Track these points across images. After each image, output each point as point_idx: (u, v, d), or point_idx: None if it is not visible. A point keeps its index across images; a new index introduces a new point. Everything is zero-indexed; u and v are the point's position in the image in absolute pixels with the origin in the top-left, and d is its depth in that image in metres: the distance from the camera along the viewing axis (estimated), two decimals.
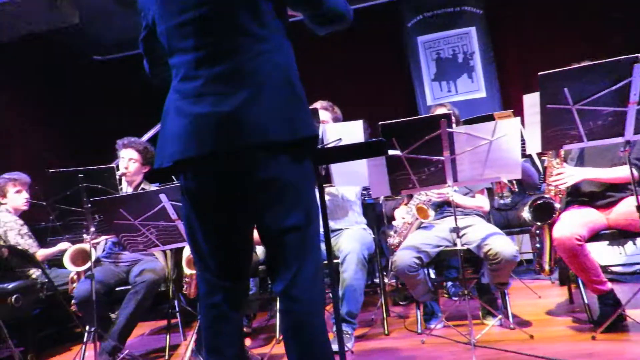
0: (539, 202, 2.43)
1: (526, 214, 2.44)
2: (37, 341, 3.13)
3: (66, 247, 3.07)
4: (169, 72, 1.42)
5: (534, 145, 2.14)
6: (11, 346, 2.59)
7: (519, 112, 2.66)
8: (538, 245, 2.49)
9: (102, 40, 5.47)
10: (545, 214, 2.41)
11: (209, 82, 1.30)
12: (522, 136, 2.42)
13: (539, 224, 2.43)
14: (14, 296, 2.90)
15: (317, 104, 2.72)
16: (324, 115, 2.70)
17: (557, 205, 2.41)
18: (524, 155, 2.78)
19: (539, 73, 1.95)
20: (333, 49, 5.37)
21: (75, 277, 2.90)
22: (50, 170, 2.58)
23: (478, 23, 5.13)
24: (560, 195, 2.45)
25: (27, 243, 3.22)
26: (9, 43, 4.30)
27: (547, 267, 2.49)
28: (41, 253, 3.27)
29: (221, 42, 1.31)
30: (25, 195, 3.38)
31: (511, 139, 2.17)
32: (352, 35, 5.25)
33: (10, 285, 2.95)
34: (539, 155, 3.05)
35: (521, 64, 5.20)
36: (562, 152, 2.43)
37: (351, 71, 5.51)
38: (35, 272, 3.22)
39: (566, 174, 2.37)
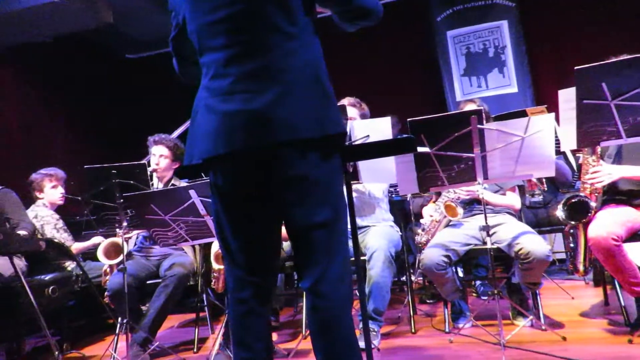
0: (573, 200, 2.35)
1: (560, 212, 2.37)
2: (71, 331, 3.25)
3: (99, 242, 3.17)
4: (198, 71, 1.43)
5: (569, 142, 2.08)
6: (48, 335, 2.69)
7: (552, 108, 2.59)
8: (572, 245, 2.42)
9: (134, 38, 5.59)
10: (580, 212, 2.33)
11: (239, 80, 1.30)
12: (555, 133, 2.36)
13: (573, 223, 2.35)
14: (51, 287, 3.01)
15: (345, 101, 2.71)
16: (351, 111, 2.68)
17: (593, 204, 2.33)
18: (557, 152, 2.70)
19: (575, 67, 1.89)
20: (361, 45, 5.34)
21: (108, 269, 2.98)
22: (85, 167, 2.66)
23: (511, 16, 4.99)
24: (596, 194, 2.37)
25: (62, 237, 3.33)
26: (44, 42, 4.45)
27: (581, 267, 2.41)
28: (75, 247, 3.38)
29: (252, 40, 1.31)
30: (61, 190, 3.49)
31: (545, 135, 2.11)
32: (380, 31, 5.21)
33: (47, 277, 3.06)
34: (573, 152, 2.96)
35: (555, 58, 5.05)
36: (598, 149, 2.34)
37: (379, 67, 5.47)
38: (70, 265, 3.33)
39: (603, 172, 2.28)
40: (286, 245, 2.86)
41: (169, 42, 1.53)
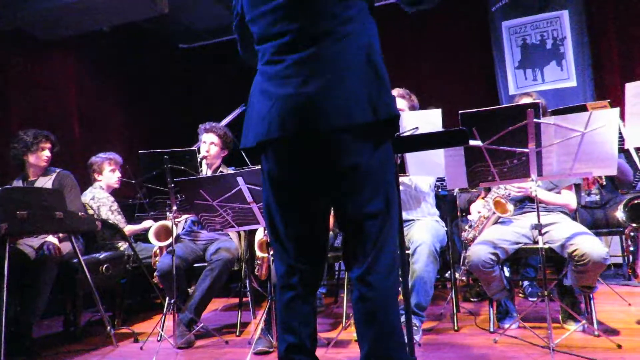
0: (636, 201, 2.22)
1: (620, 213, 2.25)
2: (123, 308, 3.41)
3: (149, 225, 3.29)
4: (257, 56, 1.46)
5: (635, 139, 1.95)
6: (101, 310, 2.84)
7: (616, 103, 2.44)
8: (632, 249, 2.28)
9: (188, 28, 5.73)
10: None
11: (294, 65, 1.32)
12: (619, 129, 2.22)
13: (634, 225, 2.22)
14: (105, 265, 3.17)
15: (394, 92, 2.66)
16: (400, 103, 2.64)
17: None
18: (620, 149, 2.55)
19: None
20: (412, 35, 5.24)
21: (158, 251, 3.10)
22: (140, 152, 2.76)
23: (572, 6, 4.72)
24: None
25: (116, 219, 3.50)
26: (100, 32, 4.64)
27: None
28: (128, 229, 3.53)
29: (306, 27, 1.32)
30: (118, 174, 3.66)
31: (608, 131, 1.99)
32: (433, 22, 5.11)
33: (102, 256, 3.22)
34: (637, 149, 2.78)
35: (620, 51, 4.73)
36: None
37: (430, 58, 5.35)
38: (123, 245, 3.49)
39: None
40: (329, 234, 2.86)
41: (233, 29, 1.58)
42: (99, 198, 3.52)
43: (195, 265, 3.03)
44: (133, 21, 4.46)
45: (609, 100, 3.01)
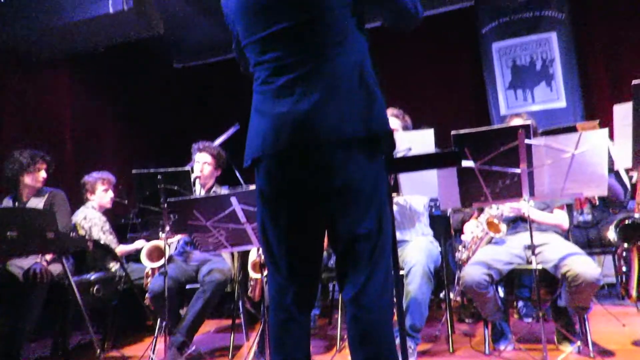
0: (627, 221, 2.24)
1: (612, 233, 2.26)
2: (113, 330, 3.34)
3: (142, 246, 3.26)
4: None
5: (624, 160, 1.98)
6: (91, 332, 2.78)
7: (605, 123, 2.47)
8: (624, 269, 2.29)
9: (182, 48, 5.78)
10: (634, 234, 2.22)
11: (288, 84, 1.35)
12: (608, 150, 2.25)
13: (626, 245, 2.24)
14: (95, 286, 3.12)
15: (388, 111, 2.68)
16: (393, 123, 2.66)
17: None
18: (610, 169, 2.58)
19: (633, 82, 1.80)
20: (405, 55, 5.31)
21: (150, 272, 3.07)
22: (133, 171, 2.75)
23: (560, 28, 4.83)
24: None
25: (108, 239, 3.46)
26: (96, 51, 4.66)
27: (634, 293, 2.28)
28: (120, 249, 3.50)
29: (300, 47, 1.35)
30: (111, 194, 3.63)
31: (597, 151, 2.01)
32: (425, 42, 5.19)
33: (93, 277, 3.17)
34: (627, 170, 2.82)
35: (609, 72, 4.83)
36: None
37: (422, 78, 5.42)
38: (114, 266, 3.45)
39: None
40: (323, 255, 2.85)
41: (234, 51, 1.61)
42: (91, 218, 3.49)
43: (187, 286, 3.00)
44: (128, 41, 4.49)
45: (598, 121, 3.06)
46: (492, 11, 5.06)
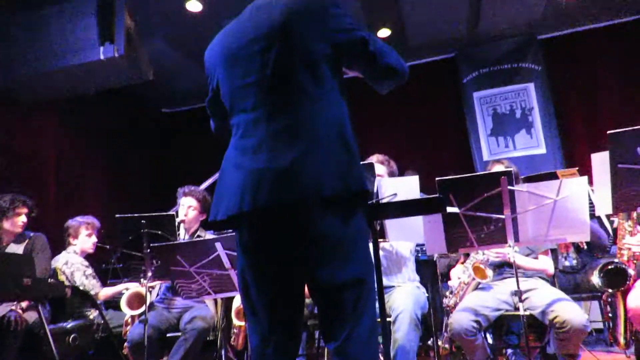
0: (610, 266, 2.26)
1: (596, 278, 2.27)
2: None
3: (126, 287, 3.17)
4: (230, 130, 1.49)
5: (604, 206, 2.02)
6: None
7: (584, 169, 2.55)
8: (611, 315, 2.29)
9: (171, 93, 5.87)
10: (618, 279, 2.23)
11: (266, 139, 1.34)
12: (589, 196, 2.30)
13: (610, 290, 2.24)
14: (72, 335, 3.00)
15: (373, 158, 2.73)
16: (379, 169, 2.69)
17: (631, 271, 2.22)
18: (592, 215, 2.63)
19: (608, 132, 1.87)
20: (390, 104, 5.45)
21: (129, 320, 2.97)
22: (117, 215, 2.72)
23: (537, 79, 5.06)
24: (635, 261, 2.27)
25: (91, 284, 3.36)
26: (84, 95, 4.69)
27: (621, 339, 2.27)
28: (104, 292, 3.39)
29: (279, 101, 1.36)
30: (94, 239, 3.56)
31: (578, 198, 2.06)
32: (409, 91, 5.34)
33: (69, 325, 3.06)
34: (608, 216, 2.87)
35: (585, 120, 5.03)
36: (634, 214, 2.27)
37: (408, 125, 5.55)
38: (92, 313, 3.33)
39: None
40: (308, 301, 2.80)
41: (206, 103, 1.61)
42: (73, 263, 3.40)
43: (168, 334, 2.89)
44: (117, 86, 4.55)
45: (577, 169, 3.14)
46: (472, 62, 5.28)
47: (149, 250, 2.57)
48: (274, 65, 1.36)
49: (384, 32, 4.96)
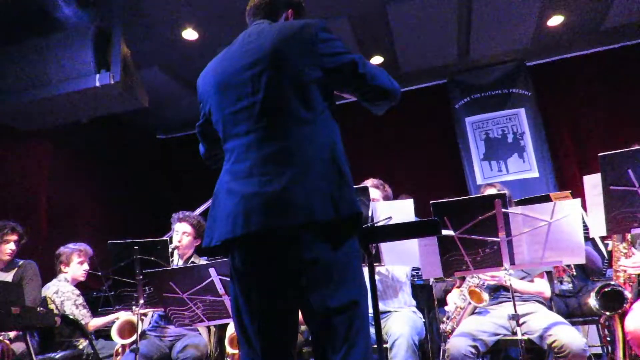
0: (606, 289, 2.25)
1: (593, 301, 2.26)
2: None
3: (117, 318, 3.10)
4: (221, 156, 1.50)
5: (598, 229, 2.03)
6: None
7: (576, 192, 2.57)
8: (609, 338, 2.27)
9: (166, 119, 5.90)
10: (615, 302, 2.22)
11: (258, 164, 1.35)
12: (582, 219, 2.31)
13: (608, 313, 2.23)
14: None
15: (368, 182, 2.74)
16: (374, 193, 2.70)
17: (628, 294, 2.22)
18: (586, 238, 2.63)
19: (600, 154, 1.90)
20: (384, 128, 5.52)
21: (120, 349, 2.90)
22: (109, 242, 2.68)
23: (527, 104, 5.15)
24: (631, 283, 2.27)
25: (81, 313, 3.29)
26: (78, 122, 4.70)
27: None
28: (94, 323, 3.31)
29: (270, 126, 1.37)
30: (86, 266, 3.50)
31: (572, 220, 2.06)
32: (402, 115, 5.41)
33: (58, 355, 2.97)
34: (602, 238, 2.88)
35: (576, 144, 5.10)
36: (628, 236, 2.28)
37: (401, 150, 5.60)
38: (82, 343, 3.25)
39: (635, 260, 2.20)
40: (303, 328, 2.75)
41: (196, 129, 1.62)
42: (63, 292, 3.33)
43: None
44: (114, 114, 4.57)
45: (570, 191, 3.16)
46: (463, 88, 5.38)
47: (141, 277, 2.53)
48: (265, 90, 1.38)
49: (376, 60, 5.06)
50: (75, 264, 3.45)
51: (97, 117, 4.68)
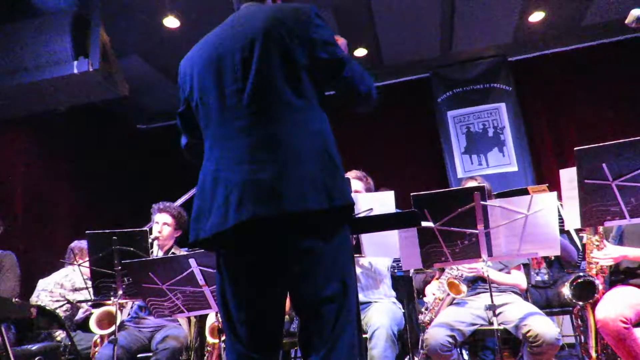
0: (580, 280, 2.31)
1: (567, 291, 2.33)
2: None
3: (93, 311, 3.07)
4: (202, 146, 1.45)
5: (573, 221, 2.08)
6: None
7: (553, 186, 2.62)
8: (582, 328, 2.33)
9: (146, 110, 5.81)
10: (587, 292, 2.28)
11: (247, 151, 1.31)
12: (558, 212, 2.36)
13: (581, 303, 2.29)
14: (37, 358, 2.87)
15: (351, 174, 2.75)
16: (356, 185, 2.71)
17: (599, 284, 2.28)
18: (561, 231, 2.69)
19: (575, 148, 1.94)
20: (366, 121, 5.51)
21: (98, 340, 2.87)
22: (87, 232, 2.64)
23: (508, 99, 5.22)
24: (603, 274, 2.33)
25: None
26: (57, 111, 4.60)
27: (593, 352, 2.31)
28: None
29: (260, 112, 1.34)
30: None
31: (548, 213, 2.11)
32: (385, 109, 5.41)
33: (34, 347, 2.92)
34: (577, 231, 2.95)
35: (554, 139, 5.20)
36: (600, 229, 2.34)
37: (384, 143, 5.61)
38: (60, 334, 3.20)
39: (606, 252, 2.27)
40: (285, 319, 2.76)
41: (177, 116, 1.57)
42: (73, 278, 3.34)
43: (139, 355, 2.80)
44: (91, 102, 4.48)
45: (547, 185, 3.22)
46: (446, 83, 5.42)
47: (120, 268, 2.50)
48: (255, 74, 1.34)
49: (360, 52, 5.06)
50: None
51: (75, 106, 4.59)
